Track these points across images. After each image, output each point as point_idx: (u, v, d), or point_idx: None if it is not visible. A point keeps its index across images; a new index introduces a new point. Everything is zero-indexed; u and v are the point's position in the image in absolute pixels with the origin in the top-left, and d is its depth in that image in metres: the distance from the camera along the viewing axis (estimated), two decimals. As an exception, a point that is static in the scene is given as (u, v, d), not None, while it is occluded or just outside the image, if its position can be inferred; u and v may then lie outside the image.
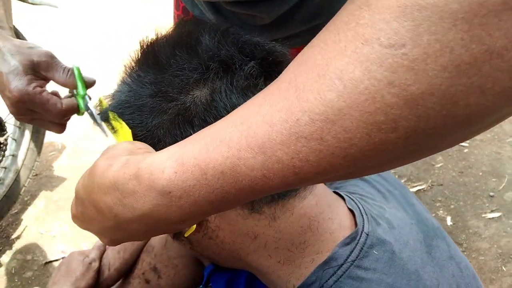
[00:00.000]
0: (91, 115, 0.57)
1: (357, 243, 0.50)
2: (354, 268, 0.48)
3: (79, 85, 0.57)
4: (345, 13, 0.26)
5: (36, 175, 1.92)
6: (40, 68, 0.54)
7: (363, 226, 0.51)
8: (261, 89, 0.44)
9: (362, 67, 0.23)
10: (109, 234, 0.38)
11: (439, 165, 1.92)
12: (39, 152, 1.69)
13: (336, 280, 0.48)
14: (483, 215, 1.65)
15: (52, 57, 0.55)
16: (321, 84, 0.25)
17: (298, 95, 0.26)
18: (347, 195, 0.57)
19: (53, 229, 1.69)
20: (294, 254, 0.50)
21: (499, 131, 2.16)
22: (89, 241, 1.63)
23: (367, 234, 0.51)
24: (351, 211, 0.54)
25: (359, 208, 0.54)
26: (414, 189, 1.80)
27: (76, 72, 0.57)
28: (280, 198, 0.48)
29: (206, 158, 0.29)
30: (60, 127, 0.59)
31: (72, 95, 0.58)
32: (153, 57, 0.44)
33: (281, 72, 0.47)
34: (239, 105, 0.42)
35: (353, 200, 0.56)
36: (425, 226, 0.61)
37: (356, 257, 0.49)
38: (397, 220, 0.57)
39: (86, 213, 0.38)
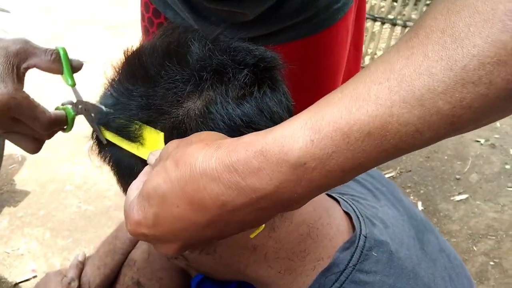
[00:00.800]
0: (87, 115, 0.46)
1: (357, 246, 0.50)
2: (356, 273, 0.48)
3: (65, 69, 0.47)
4: None
5: (-4, 191, 1.82)
6: (20, 59, 0.47)
7: (361, 228, 0.51)
8: (256, 97, 0.43)
9: None
10: (191, 234, 0.33)
11: (406, 152, 1.99)
12: (-2, 167, 1.60)
13: (340, 286, 0.47)
14: (451, 198, 1.72)
15: (26, 41, 0.48)
16: (490, 27, 0.25)
17: (460, 43, 0.26)
18: (340, 197, 0.57)
19: (20, 247, 1.61)
20: (295, 263, 0.49)
21: (459, 115, 2.26)
22: (61, 257, 1.56)
23: (365, 237, 0.51)
24: (347, 213, 0.54)
25: (354, 210, 0.54)
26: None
27: (61, 53, 0.47)
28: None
29: (350, 120, 0.28)
30: (37, 144, 0.51)
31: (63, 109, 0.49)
32: (142, 69, 0.42)
33: (273, 78, 0.46)
34: (236, 116, 0.41)
35: (347, 202, 0.56)
36: (415, 221, 0.61)
37: (357, 261, 0.49)
38: (390, 219, 0.57)
39: (166, 212, 0.33)
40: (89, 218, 1.71)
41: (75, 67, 0.49)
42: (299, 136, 0.29)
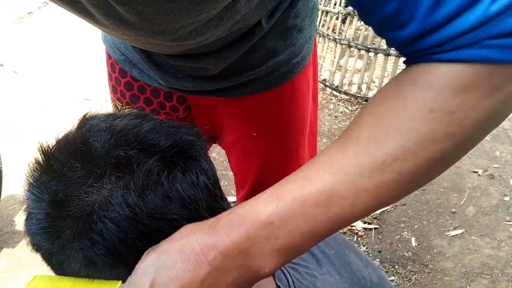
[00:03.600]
0: None
1: (284, 324, 0.50)
2: None
3: None
4: (407, 92, 0.38)
5: (-4, 232, 1.86)
6: None
7: (290, 305, 0.51)
8: (163, 184, 0.44)
9: (429, 127, 0.36)
10: None
11: (402, 185, 1.96)
12: (-5, 211, 1.64)
13: None
14: (446, 233, 1.68)
15: None
16: (400, 137, 0.37)
17: (381, 145, 0.37)
18: (278, 266, 0.57)
19: (16, 289, 1.63)
20: None
21: (458, 144, 2.22)
22: (54, 298, 1.58)
23: (294, 313, 0.51)
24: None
25: (288, 282, 0.54)
26: (378, 211, 1.82)
27: None
28: None
29: (304, 193, 0.38)
30: None
31: None
32: (47, 165, 0.44)
33: (188, 158, 0.47)
34: (137, 205, 0.42)
35: (283, 272, 0.56)
36: (361, 287, 0.61)
37: None
38: (329, 288, 0.57)
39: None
40: (84, 258, 1.73)
41: None
42: (268, 202, 0.39)
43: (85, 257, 0.43)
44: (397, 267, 1.56)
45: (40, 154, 0.46)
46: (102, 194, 0.42)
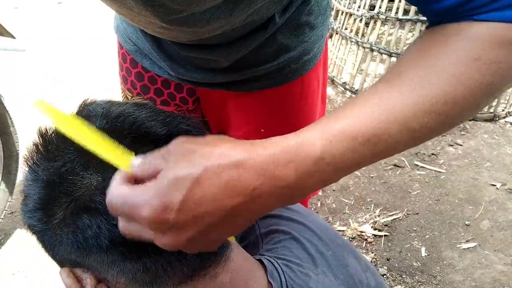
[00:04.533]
0: None
1: (272, 321, 0.49)
2: None
3: None
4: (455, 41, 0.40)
5: (12, 212, 1.90)
6: None
7: (280, 302, 0.51)
8: None
9: (478, 73, 0.38)
10: (210, 221, 0.37)
11: (415, 193, 1.92)
12: (11, 192, 1.68)
13: None
14: (458, 245, 1.64)
15: None
16: (453, 80, 0.38)
17: (433, 88, 0.39)
18: (272, 263, 0.56)
19: (25, 269, 1.67)
20: None
21: (477, 155, 2.16)
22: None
23: (283, 311, 0.50)
24: (271, 283, 0.53)
25: (280, 279, 0.54)
26: (390, 218, 1.79)
27: None
28: (189, 278, 0.47)
29: (355, 130, 0.38)
30: None
31: None
32: (44, 148, 0.44)
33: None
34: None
35: (277, 269, 0.55)
36: (357, 290, 0.60)
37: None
38: (323, 289, 0.56)
39: (195, 195, 0.36)
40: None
41: None
42: (321, 138, 0.38)
43: (76, 240, 0.43)
44: (404, 276, 1.53)
45: (39, 137, 0.46)
46: (95, 177, 0.42)
